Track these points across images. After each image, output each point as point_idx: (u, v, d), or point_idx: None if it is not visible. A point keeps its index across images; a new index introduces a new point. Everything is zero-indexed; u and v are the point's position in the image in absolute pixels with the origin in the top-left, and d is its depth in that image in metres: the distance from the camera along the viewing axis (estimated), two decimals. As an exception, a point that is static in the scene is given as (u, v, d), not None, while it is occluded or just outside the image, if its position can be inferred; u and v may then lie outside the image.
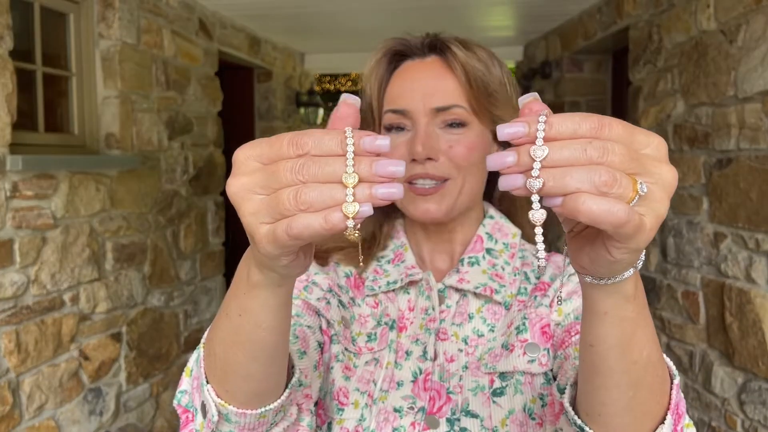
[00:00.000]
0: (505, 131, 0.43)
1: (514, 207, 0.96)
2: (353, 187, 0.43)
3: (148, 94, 3.07)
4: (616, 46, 3.87)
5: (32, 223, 2.30)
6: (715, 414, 2.46)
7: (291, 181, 0.44)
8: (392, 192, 0.44)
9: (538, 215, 0.43)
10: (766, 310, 2.14)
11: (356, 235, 0.44)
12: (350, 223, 0.43)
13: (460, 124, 0.84)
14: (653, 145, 0.44)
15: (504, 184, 0.44)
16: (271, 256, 0.48)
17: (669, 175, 0.44)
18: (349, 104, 0.47)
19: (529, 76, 4.79)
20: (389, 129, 0.86)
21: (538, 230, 0.44)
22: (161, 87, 3.19)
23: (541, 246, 0.45)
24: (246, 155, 0.47)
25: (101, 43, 2.80)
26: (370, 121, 0.89)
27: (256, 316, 0.56)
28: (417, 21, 4.14)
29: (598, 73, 4.25)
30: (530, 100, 0.45)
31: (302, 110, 5.49)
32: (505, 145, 0.90)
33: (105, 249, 2.74)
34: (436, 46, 0.86)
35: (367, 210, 0.44)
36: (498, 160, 0.43)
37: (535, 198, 0.43)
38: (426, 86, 0.83)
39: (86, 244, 2.60)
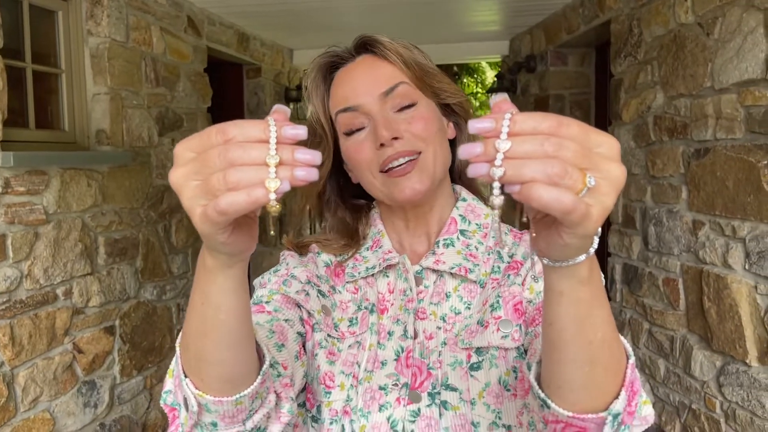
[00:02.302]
0: (475, 126, 0.49)
1: (473, 184, 1.02)
2: (275, 167, 0.49)
3: (138, 90, 3.10)
4: (599, 40, 3.93)
5: (24, 219, 2.33)
6: (696, 397, 2.53)
7: (219, 164, 0.50)
8: (309, 175, 0.50)
9: (497, 201, 0.49)
10: (742, 295, 2.20)
11: (277, 207, 0.50)
12: (272, 196, 0.49)
13: (410, 105, 0.89)
14: (606, 145, 0.50)
15: (471, 171, 0.49)
16: (208, 234, 0.54)
17: (617, 172, 0.49)
18: (279, 112, 0.52)
19: (515, 70, 4.84)
20: (349, 134, 0.90)
21: (495, 214, 0.50)
22: (151, 83, 3.22)
23: (496, 225, 0.51)
24: (182, 148, 0.53)
25: (90, 40, 2.83)
26: (321, 134, 0.93)
27: (215, 301, 0.61)
28: (403, 16, 4.18)
29: (582, 66, 4.31)
30: (500, 100, 0.51)
31: (291, 105, 5.53)
32: (455, 118, 0.97)
33: (97, 244, 2.78)
34: (364, 46, 0.92)
35: (286, 186, 0.50)
36: (468, 150, 0.49)
37: (496, 185, 0.48)
38: (369, 78, 0.89)
39: (78, 239, 2.63)
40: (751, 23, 2.15)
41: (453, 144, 0.97)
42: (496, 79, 5.26)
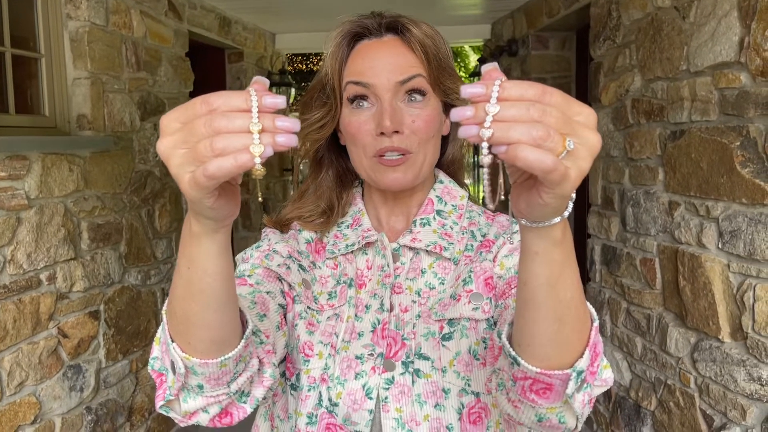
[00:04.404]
0: (468, 90, 0.53)
1: (457, 175, 1.06)
2: (258, 134, 0.53)
3: (119, 75, 3.09)
4: (579, 24, 3.96)
5: (6, 204, 2.33)
6: (671, 373, 2.60)
7: (205, 133, 0.53)
8: (290, 141, 0.54)
9: (486, 160, 0.53)
10: (715, 273, 2.27)
11: (262, 170, 0.54)
12: (257, 160, 0.53)
13: (421, 93, 0.92)
14: (584, 114, 0.54)
15: (462, 132, 0.53)
16: (196, 199, 0.57)
17: (594, 140, 0.54)
18: (259, 83, 0.56)
19: (497, 54, 4.87)
20: (352, 101, 0.92)
21: (485, 171, 0.54)
22: (132, 68, 3.21)
23: (486, 182, 0.55)
24: (168, 119, 0.56)
25: (69, 24, 2.81)
26: (330, 94, 0.95)
27: (202, 264, 0.65)
28: None
29: (563, 50, 4.34)
30: (491, 68, 0.55)
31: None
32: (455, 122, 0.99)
33: (80, 229, 2.78)
34: (392, 27, 0.94)
35: (269, 151, 0.53)
36: (460, 112, 0.53)
37: (484, 145, 0.52)
38: (389, 63, 0.91)
39: (61, 224, 2.63)
40: (726, 7, 2.19)
41: (444, 139, 1.01)
42: (478, 63, 5.29)
